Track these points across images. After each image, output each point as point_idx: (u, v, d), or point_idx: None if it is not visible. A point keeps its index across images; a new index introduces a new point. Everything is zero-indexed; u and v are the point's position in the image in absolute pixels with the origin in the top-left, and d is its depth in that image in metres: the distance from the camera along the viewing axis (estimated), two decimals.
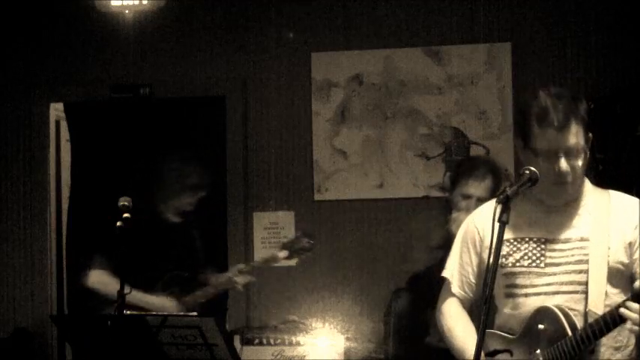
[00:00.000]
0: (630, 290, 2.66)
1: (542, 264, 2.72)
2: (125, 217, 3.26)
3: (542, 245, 2.73)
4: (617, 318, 2.53)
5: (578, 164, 2.67)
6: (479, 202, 3.65)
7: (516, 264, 2.75)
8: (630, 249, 2.69)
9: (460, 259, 2.92)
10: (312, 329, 4.49)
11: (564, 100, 2.65)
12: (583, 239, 2.71)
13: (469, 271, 2.89)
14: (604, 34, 5.26)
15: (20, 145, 5.72)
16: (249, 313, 5.36)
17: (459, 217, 3.74)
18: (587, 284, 2.66)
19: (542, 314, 2.67)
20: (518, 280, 2.74)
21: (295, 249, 4.36)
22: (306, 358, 4.17)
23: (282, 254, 4.34)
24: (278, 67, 5.56)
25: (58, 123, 5.96)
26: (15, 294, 5.65)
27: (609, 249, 2.67)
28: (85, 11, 5.44)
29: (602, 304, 2.64)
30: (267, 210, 5.50)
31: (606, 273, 2.66)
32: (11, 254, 5.67)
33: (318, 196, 5.48)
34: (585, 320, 2.63)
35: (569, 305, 2.66)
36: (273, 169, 5.54)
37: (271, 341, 4.27)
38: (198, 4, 5.60)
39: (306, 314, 4.96)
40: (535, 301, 2.70)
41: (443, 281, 2.99)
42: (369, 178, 5.46)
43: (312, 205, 5.49)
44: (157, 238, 4.23)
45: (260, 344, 4.25)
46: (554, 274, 2.70)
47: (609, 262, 2.67)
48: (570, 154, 2.64)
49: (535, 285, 2.72)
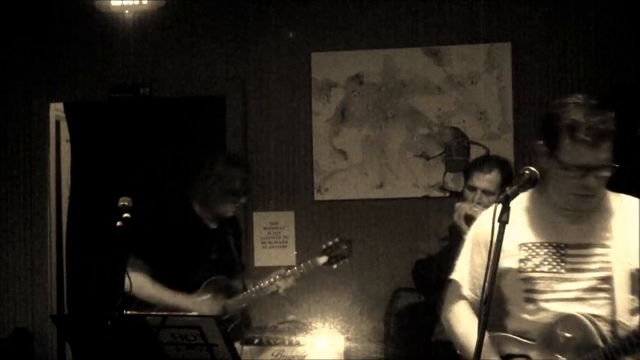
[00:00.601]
0: None
1: (562, 269, 2.66)
2: (125, 217, 3.24)
3: (562, 251, 2.68)
4: None
5: (604, 177, 2.61)
6: (484, 194, 3.90)
7: (535, 269, 2.69)
8: None
9: (471, 260, 2.85)
10: (312, 329, 4.47)
11: (598, 114, 2.56)
12: (605, 245, 2.66)
13: (481, 273, 2.76)
14: (604, 34, 5.26)
15: (20, 145, 5.72)
16: (249, 313, 5.36)
17: (461, 206, 3.88)
18: (609, 291, 2.61)
19: (567, 322, 2.62)
20: (537, 286, 2.68)
21: (334, 255, 4.30)
22: (306, 358, 4.15)
23: (322, 260, 4.28)
24: (278, 67, 5.56)
25: (58, 123, 5.96)
26: (15, 294, 5.65)
27: (629, 256, 2.63)
28: (85, 11, 5.45)
29: (629, 312, 2.60)
30: (267, 210, 5.51)
31: (629, 280, 2.62)
32: (11, 254, 5.68)
33: (318, 196, 5.49)
34: (612, 329, 2.59)
35: (592, 312, 2.62)
36: (273, 169, 5.54)
37: (271, 341, 4.26)
38: (198, 4, 5.61)
39: (306, 314, 4.96)
40: (556, 307, 2.65)
41: (449, 281, 2.92)
42: (369, 178, 5.46)
43: (312, 205, 5.49)
44: (198, 243, 4.20)
45: (260, 344, 4.24)
46: (575, 280, 2.65)
47: (630, 269, 2.62)
48: (600, 169, 2.59)
49: (555, 290, 2.66)
